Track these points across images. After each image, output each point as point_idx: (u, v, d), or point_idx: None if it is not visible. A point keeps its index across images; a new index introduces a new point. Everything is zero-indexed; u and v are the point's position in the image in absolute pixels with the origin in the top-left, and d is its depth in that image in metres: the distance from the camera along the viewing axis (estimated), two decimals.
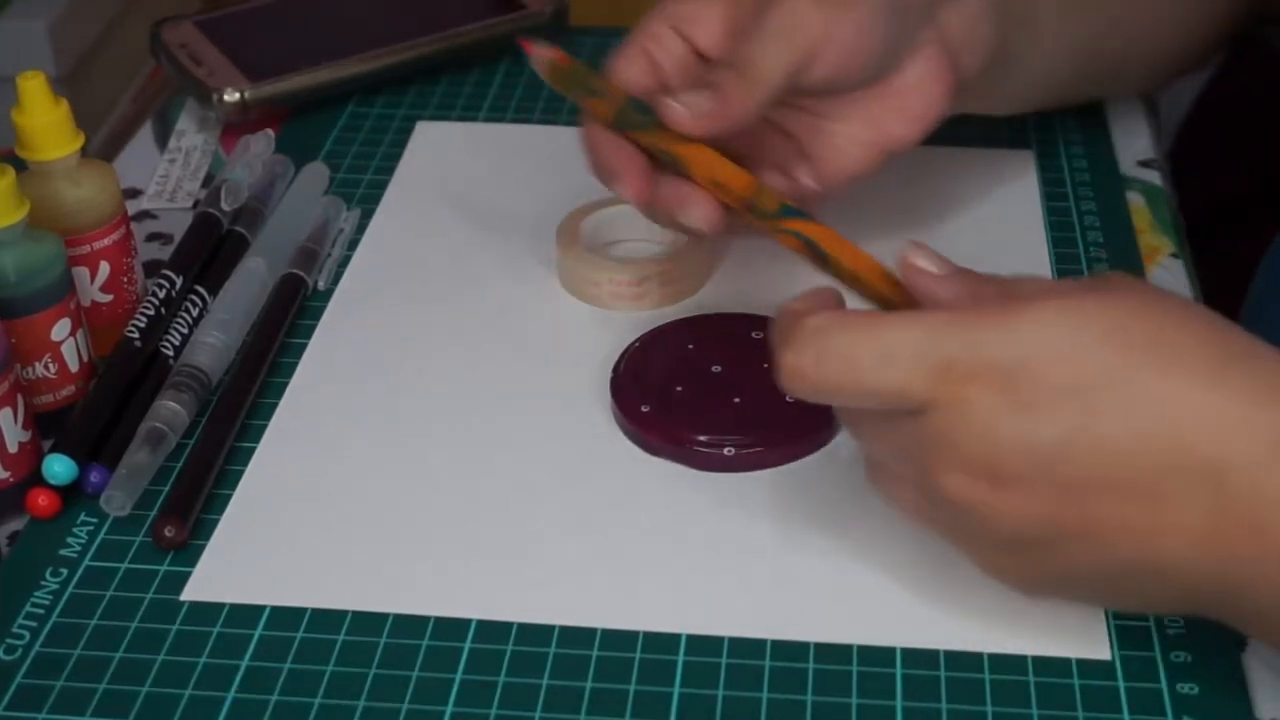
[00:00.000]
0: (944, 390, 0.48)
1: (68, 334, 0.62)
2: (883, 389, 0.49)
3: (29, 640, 0.55)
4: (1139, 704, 0.52)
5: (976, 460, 0.48)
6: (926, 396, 0.48)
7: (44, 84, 0.63)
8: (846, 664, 0.53)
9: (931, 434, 0.49)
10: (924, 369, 0.48)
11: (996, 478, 0.48)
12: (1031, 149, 0.79)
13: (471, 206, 0.76)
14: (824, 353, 0.50)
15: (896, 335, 0.49)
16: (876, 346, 0.49)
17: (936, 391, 0.48)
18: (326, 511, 0.59)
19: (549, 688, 0.53)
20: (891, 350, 0.49)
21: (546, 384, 0.65)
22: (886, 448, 0.52)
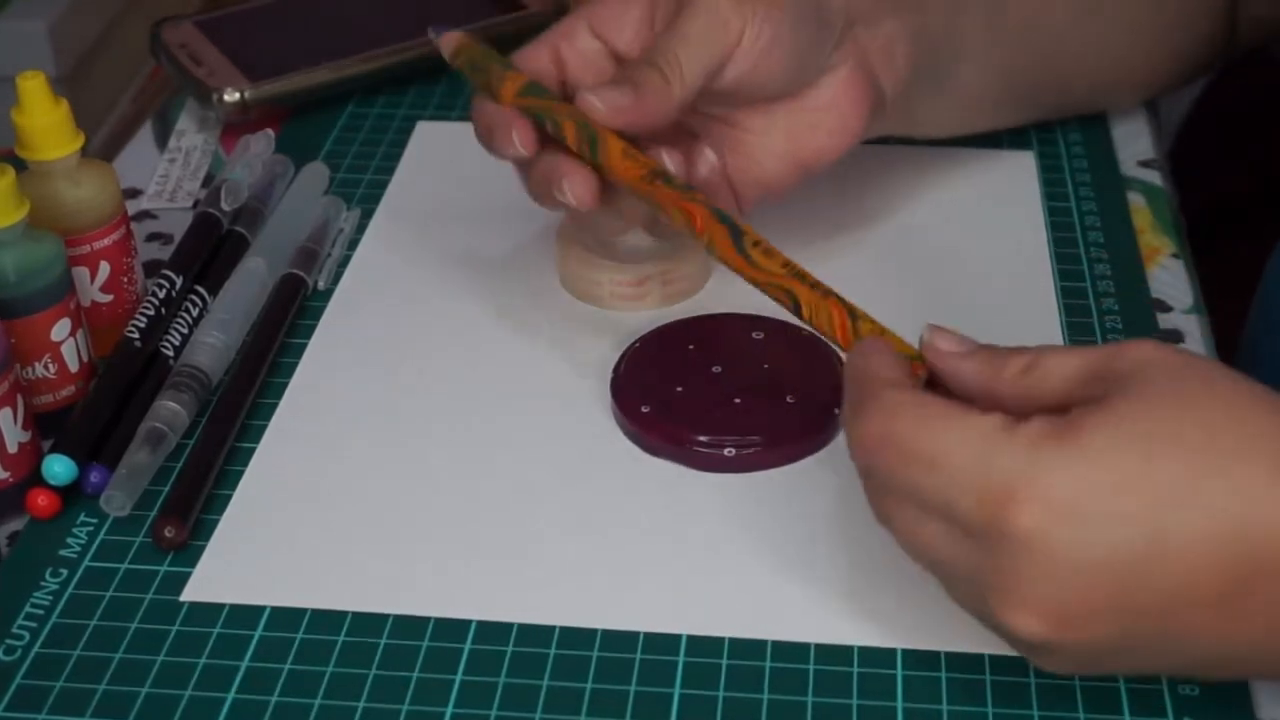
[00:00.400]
0: (1003, 520, 0.46)
1: (68, 334, 0.62)
2: (934, 489, 0.47)
3: (29, 640, 0.55)
4: (1139, 704, 0.52)
5: (1046, 601, 0.46)
6: (983, 519, 0.46)
7: (44, 84, 0.63)
8: (847, 665, 0.53)
9: (993, 567, 0.47)
10: (977, 491, 0.46)
11: (1067, 617, 0.46)
12: (1031, 149, 0.79)
13: (471, 206, 0.76)
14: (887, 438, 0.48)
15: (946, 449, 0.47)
16: (933, 446, 0.47)
17: (994, 519, 0.46)
18: (326, 511, 0.59)
19: (549, 688, 0.53)
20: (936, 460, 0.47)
21: (546, 384, 0.65)
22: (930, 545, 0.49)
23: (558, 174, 0.61)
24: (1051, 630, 0.47)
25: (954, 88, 0.71)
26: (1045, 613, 0.46)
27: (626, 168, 0.59)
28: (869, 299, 0.65)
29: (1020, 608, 0.47)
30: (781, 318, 0.66)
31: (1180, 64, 0.80)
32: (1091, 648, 0.47)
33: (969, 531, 0.47)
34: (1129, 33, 0.76)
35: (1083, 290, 0.70)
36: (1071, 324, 0.68)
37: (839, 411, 0.62)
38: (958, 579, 0.49)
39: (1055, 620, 0.46)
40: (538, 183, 0.62)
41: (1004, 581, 0.47)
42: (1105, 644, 0.47)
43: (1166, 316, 0.69)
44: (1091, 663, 0.49)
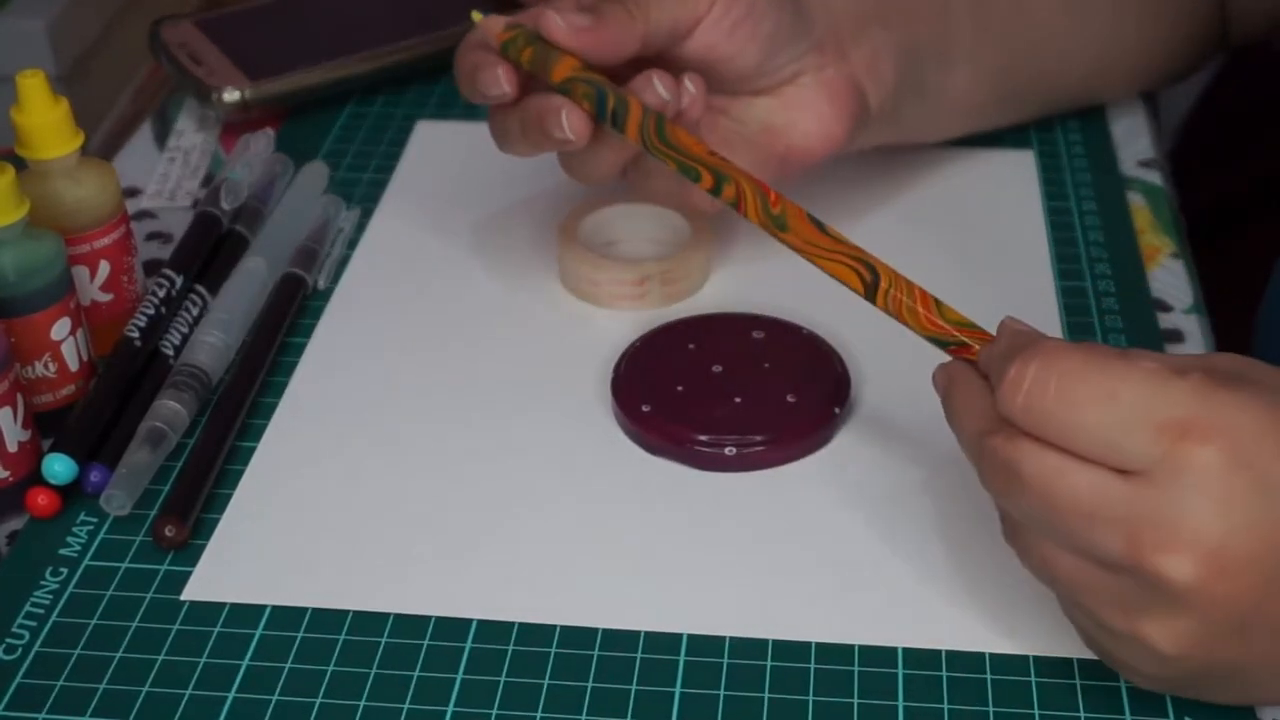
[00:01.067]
0: (1174, 446, 0.45)
1: (67, 333, 0.62)
2: (1106, 423, 0.46)
3: (29, 640, 0.55)
4: (1140, 704, 0.52)
5: (1207, 542, 0.45)
6: (1152, 454, 0.45)
7: (44, 83, 0.63)
8: (848, 664, 0.53)
9: (1156, 504, 0.45)
10: (1152, 423, 0.45)
11: (1223, 562, 0.45)
12: (1032, 149, 0.79)
13: (471, 206, 0.76)
14: (1047, 365, 0.47)
15: (1128, 379, 0.46)
16: (1105, 377, 0.46)
17: (1165, 447, 0.45)
18: (326, 511, 0.59)
19: (550, 688, 0.53)
20: (1120, 387, 0.46)
21: (546, 384, 0.65)
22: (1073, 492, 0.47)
23: (550, 109, 0.60)
24: (1204, 575, 0.45)
25: (942, 95, 0.71)
26: (1203, 555, 0.45)
27: (692, 143, 0.59)
28: None
29: (1178, 547, 0.45)
30: (781, 318, 0.66)
31: (1171, 52, 0.80)
32: (1229, 609, 0.46)
33: (1130, 469, 0.46)
34: (1115, 21, 0.76)
35: (1083, 290, 0.70)
36: (1072, 324, 0.68)
37: (838, 411, 0.62)
38: (1097, 529, 0.46)
39: (1211, 564, 0.45)
40: (528, 124, 0.61)
41: (1166, 517, 0.45)
42: (1247, 604, 0.46)
43: (1166, 316, 0.69)
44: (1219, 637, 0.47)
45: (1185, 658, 0.47)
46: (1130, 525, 0.46)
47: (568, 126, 0.60)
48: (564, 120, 0.60)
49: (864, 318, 0.67)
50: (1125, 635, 0.48)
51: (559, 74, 0.60)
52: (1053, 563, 0.48)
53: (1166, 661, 0.48)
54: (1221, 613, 0.46)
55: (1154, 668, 0.49)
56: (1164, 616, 0.47)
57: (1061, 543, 0.48)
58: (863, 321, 0.67)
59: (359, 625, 0.55)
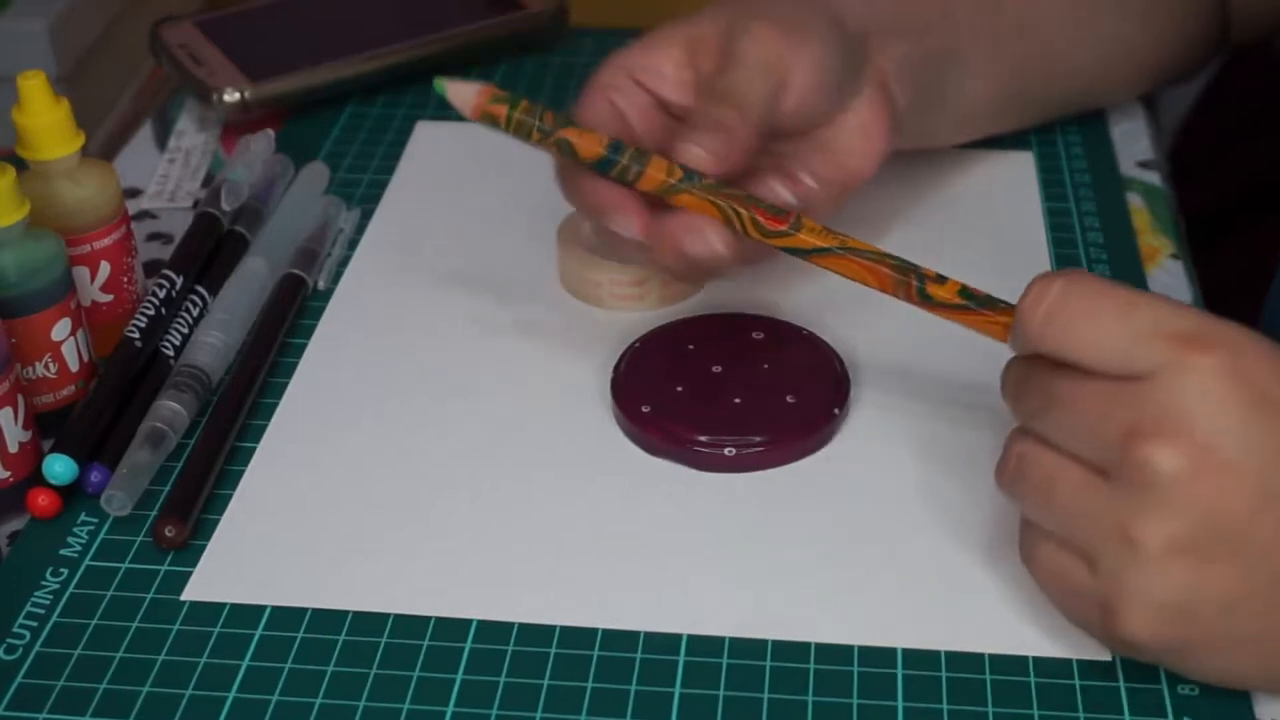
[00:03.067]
0: (1181, 353, 0.47)
1: (68, 334, 0.62)
2: (1119, 333, 0.48)
3: (29, 640, 0.55)
4: (1139, 704, 0.52)
5: (1200, 432, 0.47)
6: (1160, 359, 0.48)
7: (44, 83, 0.63)
8: (847, 664, 0.53)
9: (1155, 397, 0.48)
10: (1164, 331, 0.48)
11: (1210, 458, 0.47)
12: (1031, 149, 0.79)
13: (471, 206, 0.76)
14: (1071, 284, 0.49)
15: (1144, 297, 0.49)
16: (1121, 294, 0.49)
17: (1172, 354, 0.48)
18: (326, 511, 0.59)
19: (550, 688, 0.53)
20: (1135, 303, 0.49)
21: (546, 384, 0.65)
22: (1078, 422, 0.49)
23: (688, 228, 0.59)
24: (1192, 470, 0.47)
25: (957, 101, 0.71)
26: (1194, 449, 0.47)
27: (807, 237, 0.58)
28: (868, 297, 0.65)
29: (1170, 438, 0.47)
30: (781, 318, 0.66)
31: (1175, 53, 0.80)
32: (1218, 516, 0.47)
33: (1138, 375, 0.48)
34: (1120, 23, 0.76)
35: None
36: None
37: (838, 411, 0.62)
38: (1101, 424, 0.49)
39: (1200, 460, 0.47)
40: (663, 246, 0.59)
41: (1164, 411, 0.47)
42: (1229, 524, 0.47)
43: None
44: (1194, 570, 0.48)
45: (1177, 580, 0.48)
46: (1129, 420, 0.48)
47: (713, 243, 0.59)
48: (706, 238, 0.58)
49: (864, 318, 0.67)
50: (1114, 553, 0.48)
51: (588, 152, 0.59)
52: (1053, 478, 0.50)
53: (1155, 586, 0.48)
54: (1210, 519, 0.47)
55: (1144, 603, 0.48)
56: (1154, 516, 0.48)
57: (1062, 442, 0.50)
58: (863, 321, 0.67)
59: (359, 625, 0.55)
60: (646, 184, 0.59)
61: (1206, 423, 0.47)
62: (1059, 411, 0.50)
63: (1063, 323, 0.49)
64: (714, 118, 0.60)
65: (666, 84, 0.63)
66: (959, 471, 0.60)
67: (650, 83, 0.63)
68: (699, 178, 0.59)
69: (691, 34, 0.63)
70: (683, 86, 0.63)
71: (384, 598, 0.56)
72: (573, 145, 0.59)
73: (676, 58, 0.63)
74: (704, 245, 0.59)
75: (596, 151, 0.59)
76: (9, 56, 0.99)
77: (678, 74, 0.63)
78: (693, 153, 0.59)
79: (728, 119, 0.60)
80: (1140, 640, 0.49)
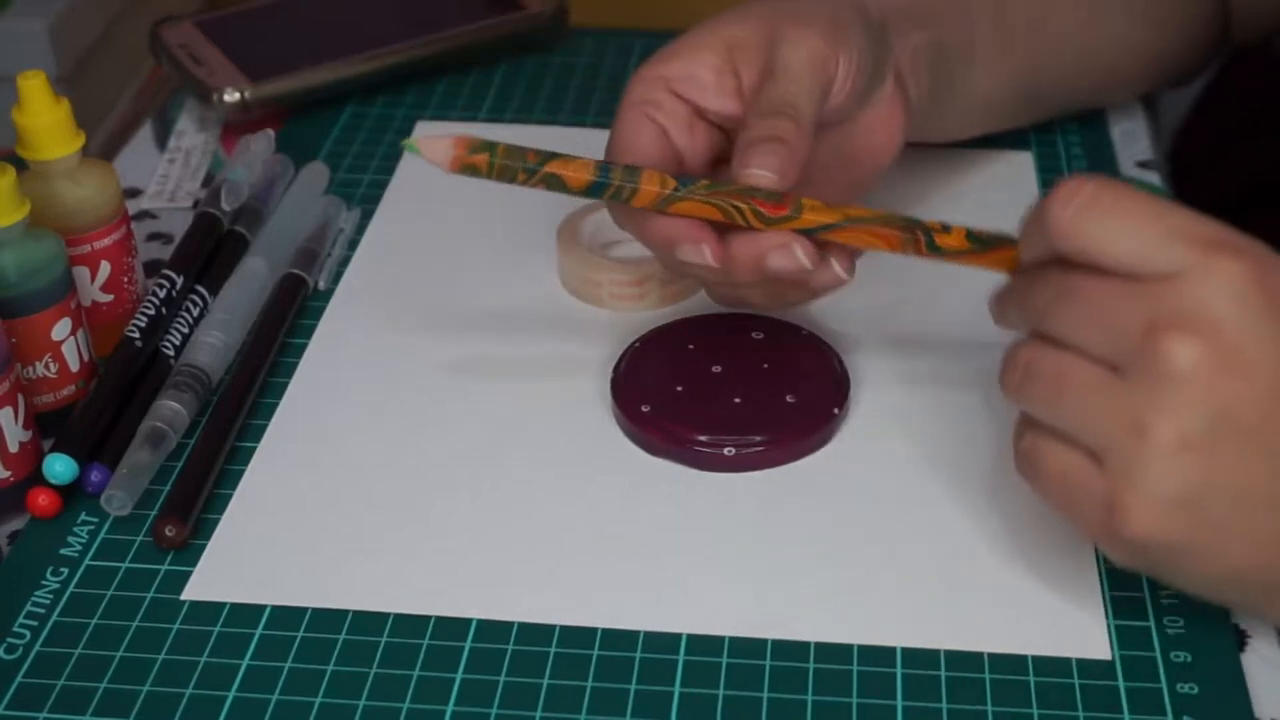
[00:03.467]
0: (1210, 256, 0.48)
1: (68, 333, 0.62)
2: (1148, 232, 0.48)
3: (29, 639, 0.55)
4: (1139, 704, 0.52)
5: (1226, 330, 0.47)
6: (1188, 260, 0.48)
7: (44, 84, 0.63)
8: (847, 663, 0.53)
9: (1180, 294, 0.48)
10: (1190, 235, 0.48)
11: (1233, 356, 0.47)
12: (1031, 150, 0.79)
13: (472, 206, 0.76)
14: (1104, 185, 0.49)
15: (1173, 205, 0.49)
16: (1153, 200, 0.49)
17: (1201, 256, 0.48)
18: (326, 511, 0.59)
19: (549, 687, 0.53)
20: (1167, 208, 0.49)
21: (547, 384, 0.65)
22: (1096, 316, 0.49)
23: (764, 249, 0.58)
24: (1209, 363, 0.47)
25: (966, 96, 0.71)
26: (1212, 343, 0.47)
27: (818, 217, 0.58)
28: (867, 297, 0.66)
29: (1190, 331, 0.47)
30: (781, 318, 0.66)
31: (1177, 53, 0.80)
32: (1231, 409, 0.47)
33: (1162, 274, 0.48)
34: (1127, 23, 0.76)
35: None
36: None
37: (838, 411, 0.62)
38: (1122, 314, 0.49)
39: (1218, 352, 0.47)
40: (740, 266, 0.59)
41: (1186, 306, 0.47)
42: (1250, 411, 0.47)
43: None
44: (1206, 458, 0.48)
45: (1186, 473, 0.48)
46: (1150, 313, 0.48)
47: (798, 256, 0.58)
48: (797, 253, 0.58)
49: (864, 318, 0.67)
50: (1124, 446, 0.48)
51: (573, 178, 0.57)
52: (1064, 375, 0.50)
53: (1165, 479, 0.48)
54: (1224, 415, 0.47)
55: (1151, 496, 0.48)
56: (1168, 409, 0.47)
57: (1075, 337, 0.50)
58: (863, 321, 0.67)
59: (359, 625, 0.55)
60: (642, 200, 0.58)
61: (1233, 321, 0.47)
62: (1074, 304, 0.50)
63: (1096, 216, 0.49)
64: (770, 132, 0.58)
65: (707, 93, 0.61)
66: (959, 471, 0.60)
67: (689, 93, 0.61)
68: (693, 183, 0.58)
69: (728, 38, 0.62)
70: (724, 94, 0.61)
71: (384, 597, 0.56)
72: (561, 178, 0.57)
73: (715, 64, 0.61)
74: (790, 259, 0.58)
75: (586, 179, 0.57)
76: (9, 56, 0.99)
77: (718, 81, 0.61)
78: (756, 175, 0.58)
79: (784, 132, 0.58)
80: (1144, 535, 0.49)
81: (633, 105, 0.61)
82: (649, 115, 0.61)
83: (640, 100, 0.61)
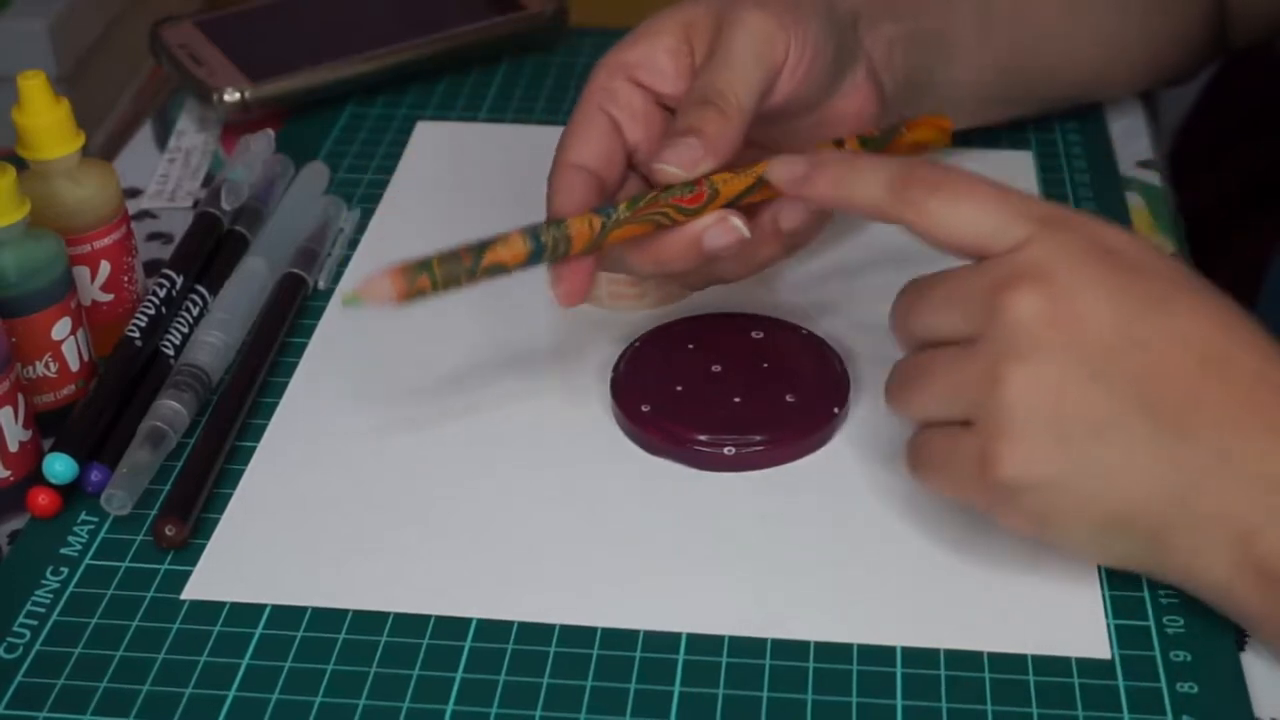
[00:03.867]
0: (1048, 230, 0.51)
1: (68, 333, 0.62)
2: (996, 203, 0.52)
3: (29, 639, 0.55)
4: (1139, 703, 0.52)
5: (1060, 280, 0.50)
6: (1028, 233, 0.51)
7: (44, 83, 0.63)
8: (847, 663, 0.53)
9: (1018, 258, 0.51)
10: (1033, 213, 0.52)
11: (1070, 303, 0.50)
12: (1031, 150, 0.79)
13: (471, 206, 0.76)
14: (952, 170, 0.53)
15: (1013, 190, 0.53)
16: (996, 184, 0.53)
17: (1040, 230, 0.51)
18: (327, 511, 0.59)
19: (549, 686, 0.53)
20: (1005, 190, 0.53)
21: (547, 384, 0.65)
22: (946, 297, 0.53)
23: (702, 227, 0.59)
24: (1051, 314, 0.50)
25: (945, 87, 0.71)
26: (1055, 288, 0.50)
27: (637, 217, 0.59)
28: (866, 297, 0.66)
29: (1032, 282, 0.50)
30: (781, 318, 0.66)
31: (1171, 52, 0.80)
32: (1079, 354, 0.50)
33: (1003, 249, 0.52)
34: (1118, 19, 0.76)
35: None
36: None
37: (838, 411, 0.62)
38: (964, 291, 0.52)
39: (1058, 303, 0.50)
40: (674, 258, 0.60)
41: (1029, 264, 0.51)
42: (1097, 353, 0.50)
43: None
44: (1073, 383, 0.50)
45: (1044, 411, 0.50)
46: (994, 279, 0.51)
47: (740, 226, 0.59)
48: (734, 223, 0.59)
49: (864, 318, 0.67)
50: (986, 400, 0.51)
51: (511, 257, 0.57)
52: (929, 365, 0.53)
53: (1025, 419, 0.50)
54: (1072, 356, 0.50)
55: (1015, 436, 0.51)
56: (1018, 356, 0.50)
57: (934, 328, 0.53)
58: (863, 321, 0.67)
59: (359, 624, 0.55)
60: (579, 245, 0.58)
61: (1065, 273, 0.51)
62: (927, 295, 0.53)
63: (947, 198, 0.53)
64: (691, 123, 0.58)
65: (665, 78, 0.61)
66: None
67: (648, 80, 0.62)
68: (613, 210, 0.58)
69: (685, 20, 0.62)
70: (680, 78, 0.61)
71: (384, 597, 0.56)
72: (502, 264, 0.57)
73: (672, 47, 0.61)
74: (726, 234, 0.59)
75: (523, 251, 0.57)
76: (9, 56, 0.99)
77: (674, 65, 0.61)
78: (665, 171, 0.58)
79: (707, 123, 0.58)
80: (1016, 475, 0.51)
81: (590, 96, 0.62)
82: (602, 107, 0.61)
83: (598, 89, 0.62)
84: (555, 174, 0.61)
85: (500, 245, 0.57)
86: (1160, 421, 0.50)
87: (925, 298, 0.54)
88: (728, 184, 0.59)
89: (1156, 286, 0.52)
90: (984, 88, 0.73)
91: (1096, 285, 0.51)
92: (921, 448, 0.54)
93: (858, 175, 0.55)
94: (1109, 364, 0.50)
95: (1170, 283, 0.52)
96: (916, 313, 0.54)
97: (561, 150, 0.61)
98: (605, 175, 0.61)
